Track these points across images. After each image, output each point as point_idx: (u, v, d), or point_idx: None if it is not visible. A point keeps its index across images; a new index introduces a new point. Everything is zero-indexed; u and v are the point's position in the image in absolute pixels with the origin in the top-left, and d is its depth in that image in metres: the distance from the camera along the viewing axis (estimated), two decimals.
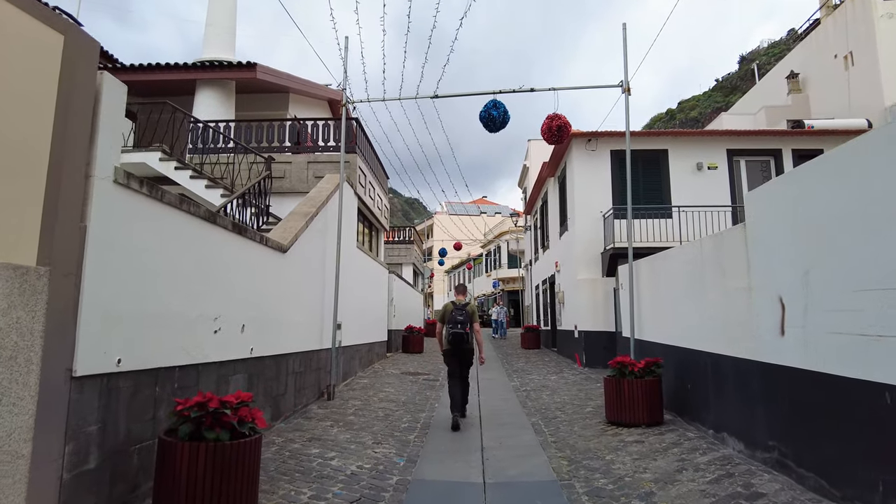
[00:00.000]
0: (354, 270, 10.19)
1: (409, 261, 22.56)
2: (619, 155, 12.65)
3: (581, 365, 12.04)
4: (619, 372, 6.21)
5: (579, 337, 12.33)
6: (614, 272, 11.86)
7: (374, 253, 13.20)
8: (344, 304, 9.11)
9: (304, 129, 10.33)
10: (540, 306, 19.61)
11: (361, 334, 10.80)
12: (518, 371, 11.68)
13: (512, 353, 16.38)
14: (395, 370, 11.28)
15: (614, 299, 11.77)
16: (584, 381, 9.84)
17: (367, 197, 11.30)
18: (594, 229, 12.39)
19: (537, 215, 19.79)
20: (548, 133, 7.99)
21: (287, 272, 6.47)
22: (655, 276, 7.28)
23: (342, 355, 9.13)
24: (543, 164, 15.73)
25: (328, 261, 8.09)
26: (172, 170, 9.42)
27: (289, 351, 6.54)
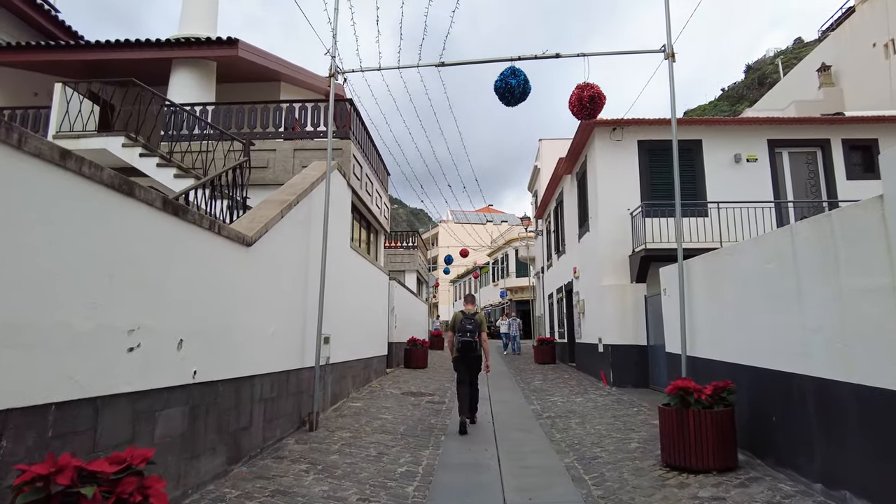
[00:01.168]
0: (348, 274, 8.82)
1: (412, 268, 21.15)
2: (648, 146, 11.31)
3: (607, 384, 10.57)
4: (680, 400, 4.77)
5: (605, 352, 10.87)
6: (645, 277, 10.43)
7: (372, 256, 11.84)
8: (333, 314, 7.74)
9: (290, 113, 9.03)
10: (554, 317, 18.15)
11: (356, 348, 9.41)
12: (536, 391, 10.22)
13: (525, 367, 14.91)
14: (396, 390, 9.85)
15: (645, 309, 10.33)
16: (615, 404, 8.38)
17: (364, 192, 9.96)
18: (620, 229, 10.98)
19: (550, 218, 18.40)
20: (577, 105, 6.63)
21: (253, 271, 5.11)
22: (716, 278, 5.86)
23: (330, 374, 7.73)
24: (559, 160, 14.37)
25: (313, 261, 6.73)
26: (137, 157, 8.16)
27: (256, 372, 5.15)
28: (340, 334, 8.24)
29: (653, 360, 10.02)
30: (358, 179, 9.41)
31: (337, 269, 8.06)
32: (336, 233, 8.02)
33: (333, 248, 7.81)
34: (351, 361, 8.96)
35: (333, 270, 7.79)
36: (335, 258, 7.94)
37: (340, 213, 8.34)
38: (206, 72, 10.19)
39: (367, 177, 10.15)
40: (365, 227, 11.33)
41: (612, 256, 10.96)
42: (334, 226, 7.85)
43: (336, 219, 8.02)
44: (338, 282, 8.10)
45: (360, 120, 9.70)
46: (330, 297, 7.58)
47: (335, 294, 7.92)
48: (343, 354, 8.42)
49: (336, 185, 8.03)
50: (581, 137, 11.89)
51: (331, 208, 7.61)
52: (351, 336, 9.00)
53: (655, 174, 11.18)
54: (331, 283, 7.58)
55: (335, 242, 7.95)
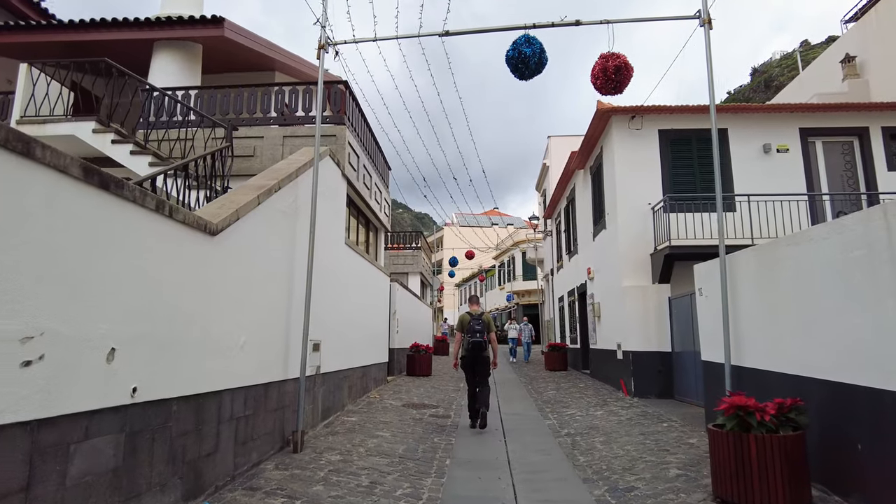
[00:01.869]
0: (343, 274, 7.99)
1: (416, 270, 20.27)
2: (670, 135, 10.44)
3: (628, 394, 9.67)
4: (738, 422, 3.89)
5: (624, 359, 9.96)
6: (668, 277, 9.54)
7: (372, 256, 11.01)
8: (325, 317, 6.90)
9: (279, 96, 8.22)
10: (565, 321, 17.24)
11: (352, 355, 8.55)
12: (550, 403, 9.32)
13: (535, 375, 14.00)
14: (396, 401, 8.98)
15: (669, 312, 9.43)
16: (640, 418, 7.48)
17: (362, 185, 9.14)
18: (641, 226, 10.11)
19: (560, 218, 17.53)
20: (602, 77, 5.78)
21: (220, 266, 4.27)
22: (772, 274, 4.97)
23: (321, 386, 6.88)
24: (571, 154, 13.51)
25: (299, 257, 5.90)
26: (109, 143, 7.37)
27: (225, 386, 4.31)
28: (334, 340, 7.40)
29: (679, 369, 9.12)
30: (354, 170, 8.59)
31: (329, 268, 7.23)
32: (328, 227, 7.19)
33: (325, 245, 6.98)
34: (346, 370, 8.11)
35: (325, 269, 6.96)
36: (327, 256, 7.11)
37: (334, 205, 7.51)
38: (190, 56, 9.42)
39: (365, 168, 9.32)
40: (363, 224, 10.50)
41: (631, 255, 10.07)
42: (326, 219, 7.03)
43: (328, 211, 7.19)
44: (331, 282, 7.26)
45: (356, 105, 8.88)
46: (321, 298, 6.75)
47: (327, 296, 7.08)
48: (337, 363, 7.57)
49: (328, 173, 7.21)
50: (596, 127, 11.04)
51: (322, 199, 6.80)
52: (346, 342, 8.15)
53: (678, 166, 10.31)
54: (321, 284, 6.76)
55: (327, 238, 7.12)
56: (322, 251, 6.83)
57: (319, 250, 6.66)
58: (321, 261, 6.77)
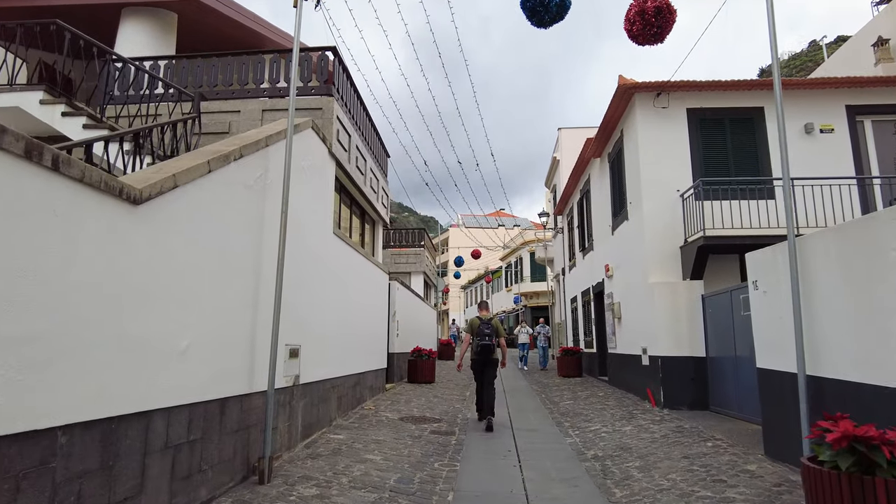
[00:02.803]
0: (332, 269, 6.95)
1: (419, 269, 19.20)
2: (700, 114, 9.34)
3: (655, 404, 8.55)
4: (857, 460, 2.79)
5: (651, 365, 8.84)
6: (702, 273, 8.43)
7: (368, 251, 9.96)
8: (308, 318, 5.86)
9: (258, 66, 7.21)
10: (578, 323, 16.11)
11: (343, 362, 7.50)
12: (569, 415, 8.21)
13: (548, 382, 12.89)
14: (393, 413, 7.91)
15: (703, 311, 8.32)
16: (677, 435, 6.37)
17: (355, 169, 8.09)
18: (668, 215, 9.01)
19: (573, 213, 16.42)
20: (639, 22, 4.71)
21: (146, 246, 3.22)
22: (868, 261, 3.86)
23: (302, 398, 5.82)
24: (587, 141, 12.43)
25: (270, 244, 4.85)
26: (58, 116, 6.36)
27: (155, 405, 3.27)
28: (319, 345, 6.34)
29: (715, 376, 7.99)
30: (345, 150, 7.55)
31: (314, 261, 6.19)
32: (312, 212, 6.15)
33: (307, 233, 5.94)
34: (335, 379, 7.05)
35: (308, 262, 5.92)
36: (311, 246, 6.07)
37: (319, 187, 6.47)
38: (163, 26, 8.43)
39: (359, 150, 8.28)
40: (358, 214, 9.45)
41: (658, 249, 8.97)
42: (308, 202, 5.99)
43: (311, 194, 6.15)
44: (315, 277, 6.22)
45: (347, 78, 7.85)
46: (301, 296, 5.71)
47: (311, 293, 6.04)
48: (322, 371, 6.52)
49: (310, 148, 6.17)
50: (617, 107, 9.95)
51: (303, 179, 5.78)
52: (336, 347, 7.09)
53: (709, 149, 9.21)
54: (302, 279, 5.72)
55: (310, 225, 6.08)
56: (303, 240, 5.79)
57: (298, 239, 5.62)
58: (301, 251, 5.74)
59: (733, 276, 8.84)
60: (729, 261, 8.91)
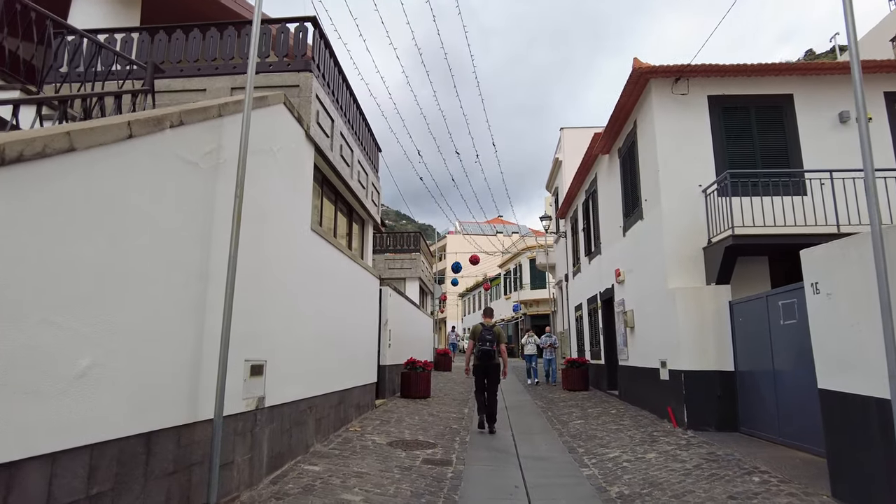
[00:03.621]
0: (309, 270, 6.02)
1: (414, 275, 18.21)
2: (723, 102, 8.48)
3: (677, 424, 7.60)
4: None
5: (672, 380, 7.90)
6: (729, 276, 7.53)
7: (356, 253, 9.03)
8: (275, 327, 4.93)
9: (229, 40, 6.31)
10: (583, 333, 15.16)
11: (324, 378, 6.54)
12: (581, 438, 7.25)
13: (553, 397, 11.92)
14: (381, 437, 6.94)
15: (731, 320, 7.40)
16: (711, 464, 5.42)
17: (339, 158, 7.18)
18: (690, 213, 8.11)
19: (578, 215, 15.53)
20: None
21: (18, 223, 2.29)
22: None
23: (268, 424, 4.85)
24: (594, 136, 11.56)
25: (223, 236, 3.92)
26: None
27: (28, 454, 2.32)
28: (292, 359, 5.40)
29: (745, 393, 7.06)
30: (327, 136, 6.64)
31: (286, 261, 5.26)
32: (282, 203, 5.23)
33: (277, 226, 5.03)
34: (312, 399, 6.09)
35: (278, 262, 5.00)
36: (281, 243, 5.14)
37: (292, 175, 5.55)
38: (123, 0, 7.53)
39: (343, 138, 7.37)
40: (344, 212, 8.52)
41: (679, 250, 8.06)
42: (277, 189, 5.08)
43: (282, 182, 5.23)
44: (287, 280, 5.29)
45: (330, 55, 6.96)
46: (268, 302, 4.79)
47: (281, 298, 5.10)
48: (296, 390, 5.56)
49: (280, 126, 5.25)
50: (630, 95, 9.08)
51: (276, 165, 4.89)
52: (313, 361, 6.14)
53: (734, 140, 8.34)
54: (271, 281, 4.80)
55: (280, 217, 5.15)
56: (271, 236, 4.87)
57: (266, 234, 4.71)
58: (269, 249, 4.82)
59: (762, 280, 7.94)
60: (757, 264, 8.01)
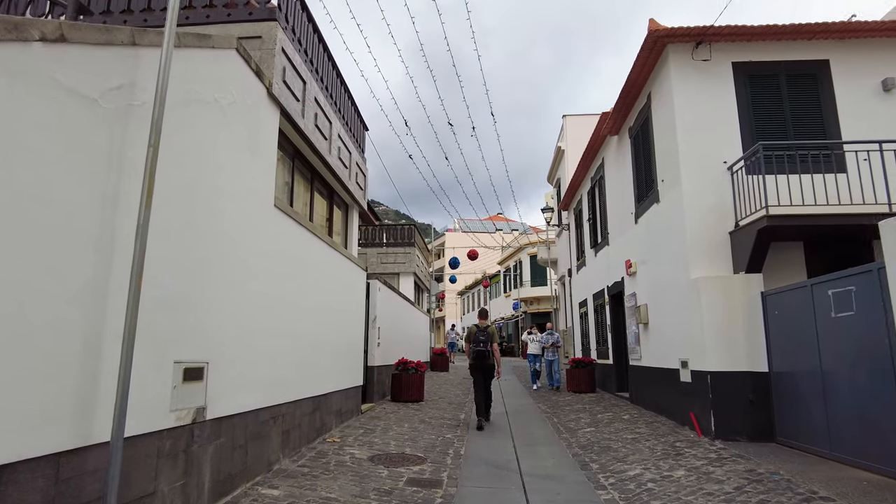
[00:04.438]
0: (273, 254, 5.09)
1: (408, 270, 17.26)
2: (749, 69, 7.55)
3: (701, 433, 6.66)
4: None
5: (695, 382, 6.96)
6: (761, 264, 6.61)
7: (338, 241, 8.09)
8: (224, 321, 4.00)
9: None
10: (588, 330, 14.22)
11: (292, 383, 5.61)
12: (593, 449, 6.31)
13: (557, 399, 10.98)
14: (362, 449, 6.00)
15: (764, 313, 6.47)
16: (754, 485, 4.48)
17: (313, 129, 6.24)
18: (714, 193, 7.18)
19: (583, 205, 14.59)
20: None
21: None
22: None
23: (212, 440, 3.91)
24: (602, 115, 10.62)
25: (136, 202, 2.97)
26: None
27: None
28: (247, 360, 4.46)
29: (782, 397, 6.13)
30: (297, 100, 5.70)
31: (238, 241, 4.33)
32: (232, 170, 4.29)
33: (224, 198, 4.10)
34: (277, 407, 5.15)
35: (225, 241, 4.07)
36: (230, 219, 4.21)
37: (249, 138, 4.61)
38: None
39: (319, 106, 6.42)
40: (323, 193, 7.56)
41: (702, 235, 7.12)
42: (224, 153, 4.15)
43: (232, 144, 4.30)
44: (240, 264, 4.36)
45: (304, 9, 6.01)
46: (212, 289, 3.88)
47: (229, 286, 4.17)
48: (253, 397, 4.62)
49: (232, 78, 4.31)
50: (644, 64, 8.13)
51: (224, 123, 4.00)
52: (278, 362, 5.20)
53: (762, 111, 7.40)
54: (215, 264, 3.87)
55: (229, 187, 4.22)
56: (215, 208, 3.94)
57: (206, 206, 3.78)
58: (212, 225, 3.89)
59: (795, 270, 7.00)
60: (790, 251, 7.08)
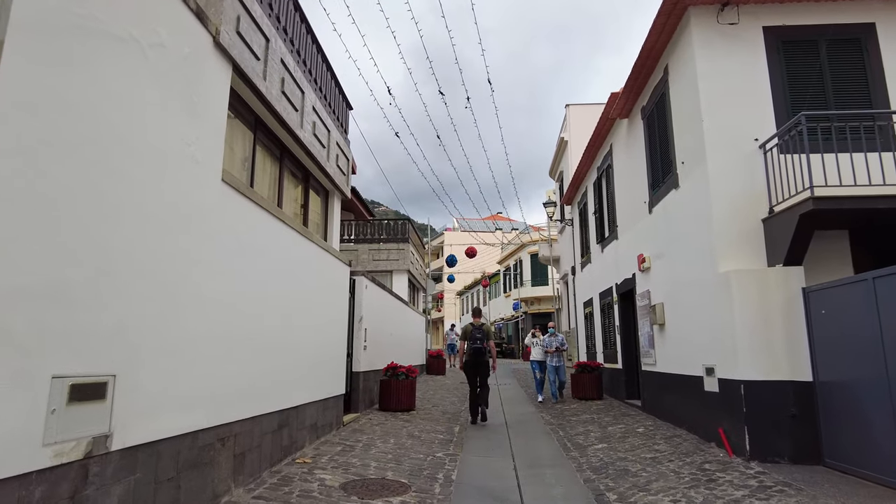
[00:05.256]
0: (221, 237, 4.17)
1: (402, 267, 16.30)
2: (782, 35, 6.65)
3: (733, 453, 5.73)
4: None
5: (723, 393, 6.03)
6: (801, 256, 5.71)
7: (316, 232, 7.17)
8: (138, 315, 3.05)
9: None
10: (594, 332, 13.30)
11: (250, 395, 4.68)
12: (608, 473, 5.37)
13: (562, 407, 10.05)
14: (336, 474, 5.07)
15: (806, 312, 5.56)
16: None
17: (279, 95, 5.31)
18: (744, 174, 6.27)
19: (587, 199, 13.68)
20: None
21: None
22: None
23: (122, 477, 2.96)
24: (611, 96, 9.71)
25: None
26: None
27: None
28: (177, 370, 3.54)
29: (831, 412, 5.21)
30: (257, 59, 4.77)
31: (166, 216, 3.42)
32: (157, 126, 3.37)
33: (142, 159, 3.18)
34: (228, 426, 4.22)
35: (149, 215, 3.15)
36: (155, 186, 3.30)
37: (183, 92, 3.69)
38: None
39: (288, 70, 5.49)
40: (298, 176, 6.62)
41: (731, 222, 6.20)
42: (142, 101, 3.22)
43: (157, 93, 3.38)
44: (167, 245, 3.44)
45: None
46: (120, 276, 2.95)
47: (152, 276, 3.26)
48: (188, 417, 3.69)
49: (154, 15, 3.38)
50: (661, 33, 7.22)
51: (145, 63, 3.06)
52: (227, 370, 4.28)
53: (798, 82, 6.50)
54: (126, 246, 2.93)
55: (151, 146, 3.30)
56: (128, 172, 3.03)
57: (107, 164, 2.85)
58: (122, 191, 2.98)
59: (839, 263, 6.09)
60: (831, 241, 6.16)
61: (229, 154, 4.80)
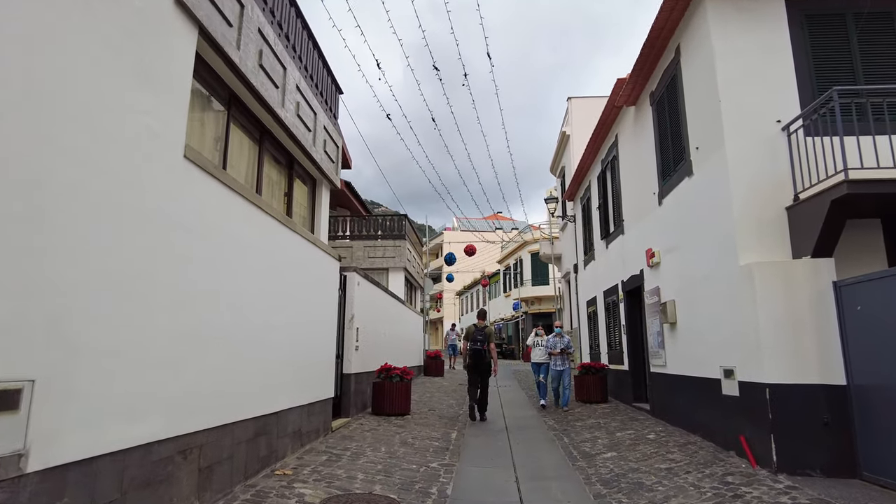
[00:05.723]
0: (182, 221, 3.67)
1: (398, 265, 15.79)
2: (807, 7, 6.16)
3: (756, 464, 5.22)
4: None
5: (744, 397, 5.52)
6: (832, 247, 5.20)
7: (301, 223, 6.66)
8: (73, 309, 2.51)
9: None
10: (598, 332, 12.79)
11: (221, 400, 4.18)
12: (617, 485, 4.85)
13: (567, 412, 9.53)
14: (317, 488, 4.55)
15: (838, 309, 5.05)
16: None
17: (257, 69, 4.81)
18: (765, 159, 5.76)
19: (590, 193, 13.17)
20: None
21: None
22: None
23: (55, 500, 2.46)
24: (618, 82, 9.21)
25: None
26: None
27: None
28: (125, 371, 3.05)
29: (870, 419, 4.70)
30: (229, 25, 4.27)
31: (116, 199, 2.93)
32: (106, 93, 2.86)
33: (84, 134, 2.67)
34: (191, 436, 3.71)
35: (91, 197, 2.64)
36: (99, 164, 2.79)
37: (137, 54, 3.19)
38: None
39: (266, 42, 4.98)
40: (281, 161, 6.11)
41: (752, 211, 5.69)
42: (85, 63, 2.71)
43: (104, 52, 2.87)
44: (114, 232, 2.94)
45: None
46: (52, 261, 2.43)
47: (81, 258, 2.74)
48: (141, 427, 3.18)
49: None
50: (673, 9, 6.71)
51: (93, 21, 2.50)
52: (188, 373, 3.77)
53: (824, 59, 6.00)
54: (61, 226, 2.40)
55: (97, 115, 2.79)
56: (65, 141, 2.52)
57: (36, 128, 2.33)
58: (47, 167, 2.46)
59: (872, 255, 5.60)
60: (862, 231, 5.67)
61: (199, 130, 4.30)
